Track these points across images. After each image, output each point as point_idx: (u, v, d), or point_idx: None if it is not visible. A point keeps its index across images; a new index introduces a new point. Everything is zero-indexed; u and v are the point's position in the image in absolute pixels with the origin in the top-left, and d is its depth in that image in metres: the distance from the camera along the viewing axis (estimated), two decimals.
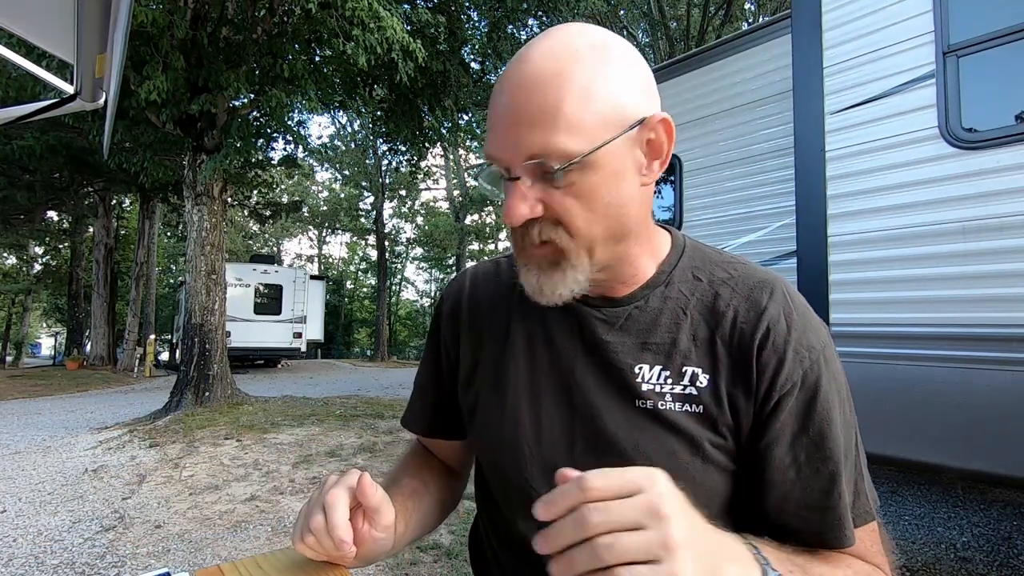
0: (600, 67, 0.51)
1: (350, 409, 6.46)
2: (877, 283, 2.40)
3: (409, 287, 35.60)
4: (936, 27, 2.29)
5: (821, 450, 0.55)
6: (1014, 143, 2.07)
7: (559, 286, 0.55)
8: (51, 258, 23.55)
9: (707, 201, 3.74)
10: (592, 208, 0.53)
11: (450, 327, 0.73)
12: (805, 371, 0.55)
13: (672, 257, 0.63)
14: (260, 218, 18.21)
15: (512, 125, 0.51)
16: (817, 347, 0.57)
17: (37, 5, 1.31)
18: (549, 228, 0.54)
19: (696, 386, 0.57)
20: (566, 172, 0.51)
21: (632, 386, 0.58)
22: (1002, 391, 2.02)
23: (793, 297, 0.60)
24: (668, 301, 0.60)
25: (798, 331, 0.57)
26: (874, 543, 0.57)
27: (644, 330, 0.60)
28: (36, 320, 36.10)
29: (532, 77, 0.50)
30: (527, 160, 0.51)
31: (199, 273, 6.73)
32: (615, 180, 0.53)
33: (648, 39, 14.83)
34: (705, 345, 0.58)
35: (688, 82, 3.90)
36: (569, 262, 0.55)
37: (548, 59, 0.51)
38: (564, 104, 0.49)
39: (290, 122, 7.20)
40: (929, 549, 2.55)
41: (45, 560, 2.77)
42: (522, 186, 0.52)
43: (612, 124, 0.51)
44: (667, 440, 0.57)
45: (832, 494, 0.54)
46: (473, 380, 0.69)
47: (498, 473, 0.67)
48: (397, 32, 5.54)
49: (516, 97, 0.51)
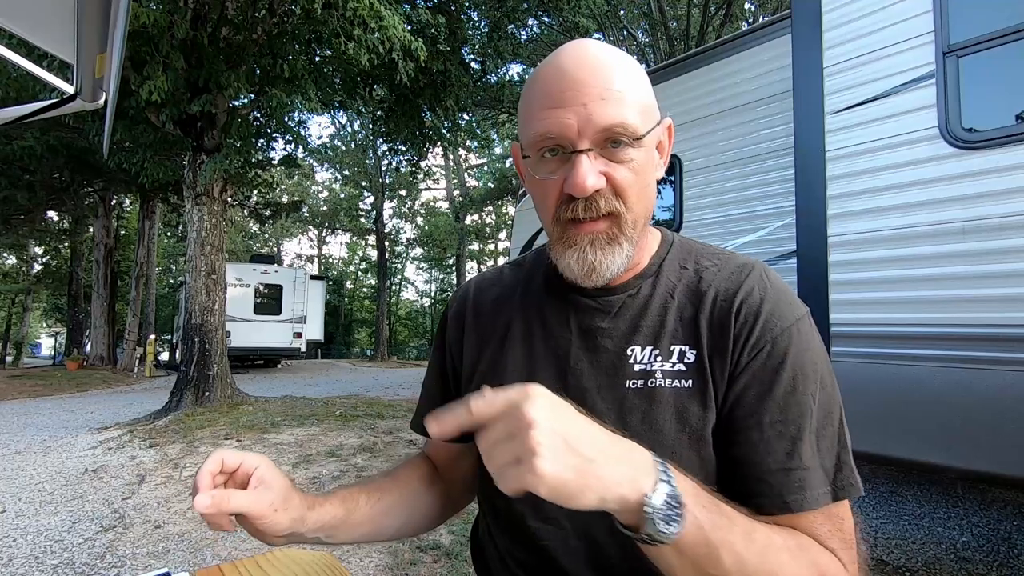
0: (640, 70, 0.59)
1: (350, 409, 6.46)
2: (877, 283, 2.40)
3: (409, 287, 35.61)
4: (936, 27, 2.29)
5: (785, 413, 0.55)
6: (1014, 143, 2.07)
7: (616, 261, 0.59)
8: (51, 258, 23.56)
9: (707, 201, 3.74)
10: (642, 185, 0.59)
11: (455, 329, 0.76)
12: (775, 338, 0.57)
13: (662, 250, 0.67)
14: (260, 218, 18.19)
15: (586, 101, 0.55)
16: (789, 319, 0.59)
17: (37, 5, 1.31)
18: (612, 199, 0.58)
19: (684, 362, 0.60)
20: (631, 147, 0.56)
21: (624, 368, 0.61)
22: (1002, 391, 2.02)
23: (770, 276, 0.63)
24: (657, 289, 0.64)
25: (770, 303, 0.59)
26: (837, 528, 0.55)
27: (635, 316, 0.63)
28: (36, 320, 36.11)
29: (597, 60, 0.56)
30: (600, 131, 0.55)
31: (199, 273, 6.73)
32: (652, 165, 0.60)
33: (648, 39, 14.82)
34: (690, 324, 0.61)
35: (688, 82, 3.90)
36: (625, 235, 0.59)
37: (604, 50, 0.58)
38: (630, 87, 0.56)
39: (290, 122, 7.20)
40: (929, 549, 2.54)
41: (45, 560, 2.77)
42: (588, 158, 0.56)
43: (653, 116, 0.59)
44: (656, 417, 0.59)
45: (793, 456, 0.54)
46: (475, 377, 0.71)
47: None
48: (399, 31, 5.54)
49: (587, 77, 0.55)
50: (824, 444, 0.56)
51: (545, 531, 0.63)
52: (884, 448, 2.31)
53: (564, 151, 0.57)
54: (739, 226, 3.52)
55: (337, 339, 29.76)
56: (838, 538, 0.55)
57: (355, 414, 6.12)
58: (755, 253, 3.40)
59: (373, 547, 2.74)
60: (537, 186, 0.61)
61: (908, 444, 2.26)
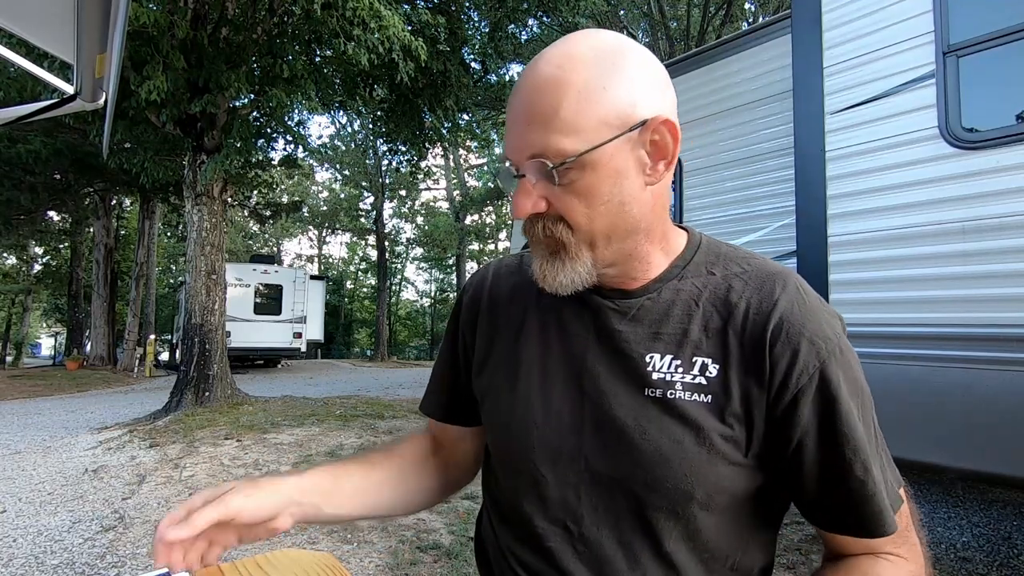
0: (602, 72, 0.53)
1: (350, 409, 6.46)
2: (877, 283, 2.40)
3: (409, 287, 35.61)
4: (936, 27, 2.29)
5: (851, 445, 0.55)
6: (1014, 143, 2.07)
7: (559, 274, 0.58)
8: (51, 258, 23.55)
9: (707, 201, 3.74)
10: (591, 205, 0.55)
11: (469, 315, 0.75)
12: (822, 362, 0.55)
13: (687, 253, 0.64)
14: (260, 218, 18.22)
15: (518, 126, 0.55)
16: (832, 338, 0.57)
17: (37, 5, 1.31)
18: (552, 223, 0.57)
19: (706, 376, 0.58)
20: (564, 170, 0.54)
21: (643, 374, 0.59)
22: (1002, 391, 2.02)
23: (806, 290, 0.60)
24: (681, 293, 0.61)
25: (812, 322, 0.57)
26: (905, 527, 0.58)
27: (656, 321, 0.61)
28: (36, 320, 36.11)
29: (535, 82, 0.54)
30: (529, 158, 0.55)
31: (199, 273, 6.73)
32: (615, 178, 0.55)
33: (648, 39, 14.82)
34: (717, 336, 0.59)
35: (688, 82, 3.90)
36: (568, 254, 0.58)
37: (552, 65, 0.54)
38: (561, 107, 0.52)
39: (290, 122, 7.20)
40: (929, 549, 2.55)
41: (45, 560, 2.76)
42: (527, 183, 0.56)
43: (612, 125, 0.53)
44: (674, 429, 0.57)
45: (867, 485, 0.55)
46: (487, 366, 0.70)
47: (506, 455, 0.68)
48: (398, 31, 5.54)
49: (522, 100, 0.55)
50: (884, 460, 0.58)
51: (552, 533, 0.62)
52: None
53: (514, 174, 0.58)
54: (739, 226, 3.52)
55: (337, 339, 29.76)
56: (903, 540, 0.58)
57: (355, 414, 6.12)
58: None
59: (373, 547, 2.74)
60: None
61: (908, 444, 2.26)
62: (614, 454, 0.59)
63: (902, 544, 0.58)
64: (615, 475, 0.59)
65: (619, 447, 0.59)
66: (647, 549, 0.59)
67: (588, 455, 0.61)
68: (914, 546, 0.59)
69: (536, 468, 0.62)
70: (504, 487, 0.69)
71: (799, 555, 2.46)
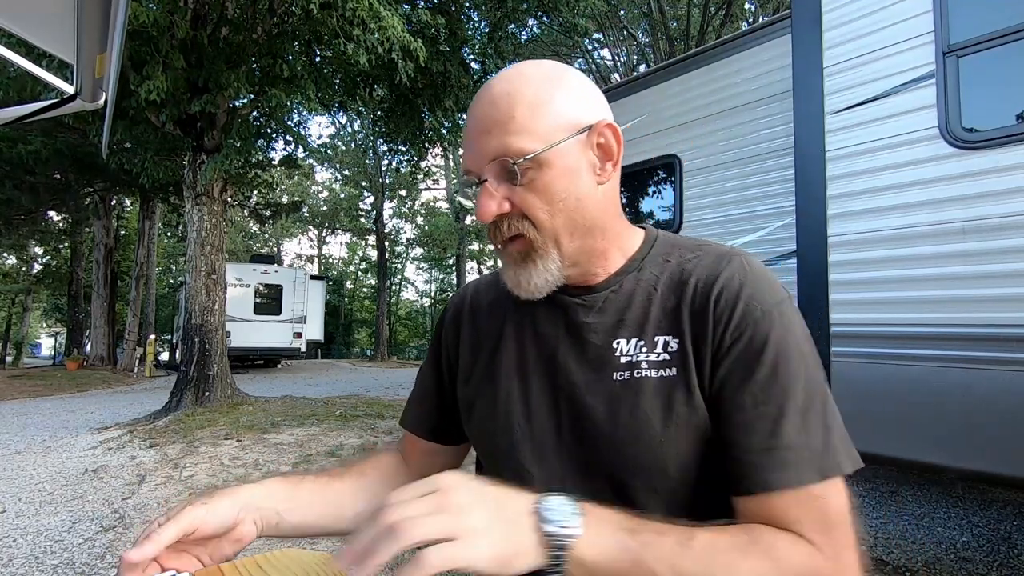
0: (548, 86, 0.60)
1: (350, 409, 6.46)
2: (877, 283, 2.40)
3: (409, 287, 35.61)
4: (936, 27, 2.29)
5: (767, 393, 0.55)
6: (1014, 143, 2.07)
7: (534, 276, 0.62)
8: (51, 258, 23.55)
9: (707, 201, 3.74)
10: (550, 202, 0.60)
11: (451, 332, 0.79)
12: (756, 320, 0.58)
13: (644, 248, 0.69)
14: (260, 218, 18.22)
15: (476, 137, 0.61)
16: (770, 302, 0.59)
17: (37, 5, 1.31)
18: (517, 221, 0.61)
19: (668, 351, 0.61)
20: (524, 169, 0.59)
21: (611, 360, 0.63)
22: (1002, 391, 2.02)
23: (750, 263, 0.64)
24: (641, 283, 0.66)
25: (750, 288, 0.60)
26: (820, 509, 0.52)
27: (619, 309, 0.65)
28: (36, 320, 36.11)
29: (490, 98, 0.61)
30: (490, 162, 0.60)
31: (199, 273, 6.73)
32: (570, 177, 0.60)
33: (648, 39, 14.82)
34: (672, 313, 0.62)
35: (688, 82, 3.90)
36: (538, 252, 0.62)
37: (502, 82, 0.61)
38: (516, 113, 0.58)
39: (290, 122, 7.20)
40: (929, 549, 2.54)
41: (45, 560, 2.76)
42: (489, 187, 0.60)
43: (563, 128, 0.60)
44: (643, 407, 0.59)
45: (776, 435, 0.54)
46: (471, 377, 0.73)
47: (494, 459, 0.70)
48: (398, 31, 5.54)
49: (478, 114, 0.61)
50: (812, 422, 0.55)
51: None
52: (884, 448, 2.31)
53: (475, 183, 0.62)
54: (739, 226, 3.52)
55: (337, 339, 29.76)
56: (818, 520, 0.52)
57: (355, 414, 6.12)
58: (755, 253, 3.39)
59: None
60: None
61: (908, 444, 2.26)
62: (591, 441, 0.62)
63: (823, 534, 0.52)
64: (594, 460, 0.62)
65: (595, 433, 0.62)
66: None
67: (568, 445, 0.64)
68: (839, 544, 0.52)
69: (522, 466, 0.65)
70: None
71: None
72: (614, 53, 15.39)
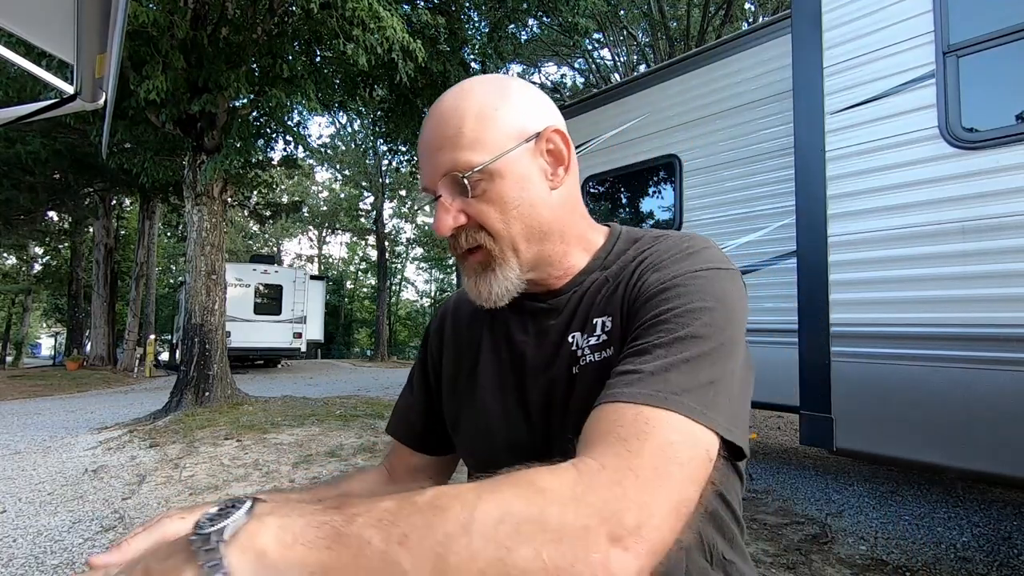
0: (494, 98, 0.61)
1: (350, 409, 6.46)
2: (877, 283, 2.40)
3: (409, 287, 35.62)
4: (936, 27, 2.29)
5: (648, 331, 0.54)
6: (1014, 143, 2.07)
7: (494, 286, 0.63)
8: (51, 258, 23.55)
9: (707, 201, 3.74)
10: (504, 210, 0.61)
11: (435, 343, 0.81)
12: (662, 284, 0.58)
13: (607, 245, 0.69)
14: (260, 218, 18.22)
15: (428, 155, 0.62)
16: (687, 270, 0.58)
17: (37, 5, 1.31)
18: (474, 232, 0.62)
19: (605, 332, 0.62)
20: (476, 181, 0.60)
21: (567, 356, 0.64)
22: (1002, 391, 2.02)
23: (693, 241, 0.62)
24: (599, 280, 0.66)
25: (680, 255, 0.60)
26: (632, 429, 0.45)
27: (575, 306, 0.66)
28: (36, 320, 36.11)
29: (438, 115, 0.62)
30: (442, 177, 0.61)
31: (199, 273, 6.72)
32: (522, 184, 0.61)
33: (648, 39, 14.83)
34: (610, 294, 0.64)
35: (688, 82, 3.90)
36: (497, 261, 0.62)
37: (449, 99, 0.62)
38: (464, 128, 0.60)
39: (290, 122, 7.20)
40: (929, 549, 2.55)
41: (45, 560, 2.76)
42: (445, 201, 0.61)
43: (510, 136, 0.61)
44: (592, 392, 0.55)
45: (634, 361, 0.52)
46: (455, 389, 0.75)
47: (480, 464, 0.72)
48: (397, 32, 5.54)
49: (428, 133, 0.62)
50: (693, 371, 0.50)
51: None
52: (884, 448, 2.31)
53: (432, 199, 0.63)
54: (739, 226, 3.52)
55: (337, 339, 29.75)
56: (621, 436, 0.45)
57: (355, 414, 6.12)
58: (755, 253, 3.41)
59: None
60: None
61: (908, 444, 2.26)
62: (559, 435, 0.63)
63: (612, 445, 0.44)
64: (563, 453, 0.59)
65: (562, 428, 0.62)
66: None
67: (541, 449, 0.65)
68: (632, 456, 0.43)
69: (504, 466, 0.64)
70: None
71: (799, 555, 2.46)
72: (614, 53, 15.39)
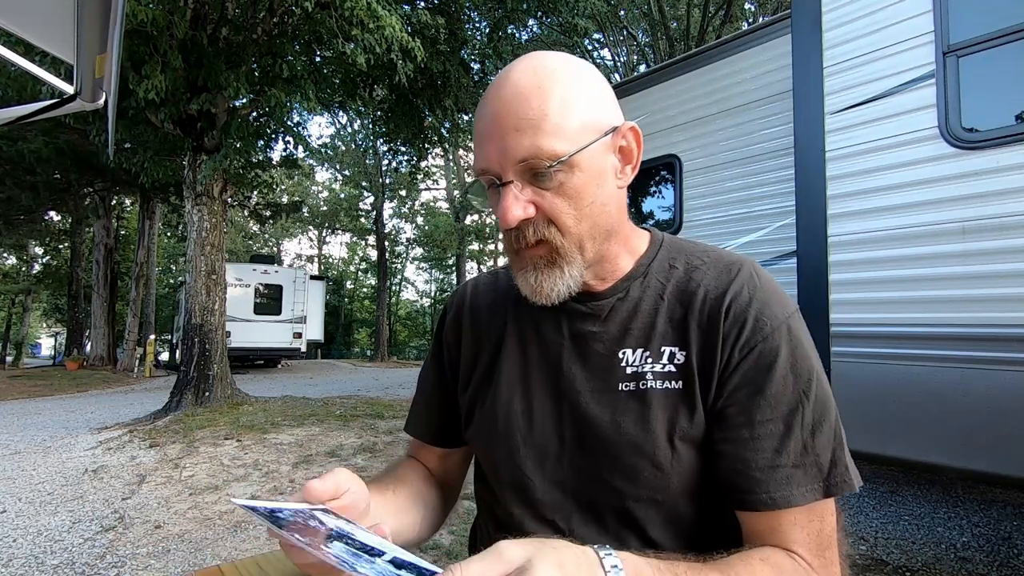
0: (575, 82, 0.57)
1: (350, 409, 6.46)
2: (877, 283, 2.40)
3: (409, 287, 35.58)
4: (936, 27, 2.29)
5: (775, 410, 0.55)
6: (1014, 143, 2.07)
7: (557, 283, 0.60)
8: (51, 258, 23.54)
9: (707, 201, 3.74)
10: (579, 207, 0.58)
11: (452, 333, 0.77)
12: (766, 337, 0.57)
13: (651, 251, 0.67)
14: (260, 218, 18.21)
15: (502, 134, 0.56)
16: (780, 317, 0.59)
17: (37, 5, 1.31)
18: (543, 227, 0.58)
19: (675, 363, 0.60)
20: (555, 172, 0.56)
21: (616, 370, 0.61)
22: (1002, 391, 2.02)
23: (759, 274, 0.63)
24: (647, 290, 0.64)
25: (759, 302, 0.59)
26: (817, 529, 0.55)
27: (626, 318, 0.63)
28: (36, 320, 36.09)
29: (516, 91, 0.56)
30: (518, 163, 0.56)
31: (199, 273, 6.72)
32: (598, 180, 0.58)
33: (648, 39, 14.82)
34: (680, 325, 0.61)
35: (688, 82, 3.89)
36: (564, 259, 0.59)
37: (529, 75, 0.56)
38: (548, 111, 0.54)
39: (290, 122, 7.19)
40: (929, 549, 2.54)
41: (45, 560, 2.76)
42: (514, 189, 0.56)
43: (591, 130, 0.57)
44: (647, 419, 0.59)
45: (782, 453, 0.55)
46: (471, 381, 0.72)
47: (494, 465, 0.69)
48: (396, 31, 5.53)
49: (503, 109, 0.56)
50: (820, 441, 0.56)
51: (544, 533, 0.63)
52: (884, 448, 2.31)
53: (496, 183, 0.58)
54: (739, 226, 3.52)
55: (337, 339, 29.74)
56: (815, 539, 0.55)
57: (355, 414, 6.12)
58: (755, 253, 3.40)
59: None
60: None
61: (908, 444, 2.26)
62: (593, 450, 0.61)
63: (818, 555, 0.55)
64: (596, 470, 0.61)
65: (597, 443, 0.61)
66: (633, 539, 0.60)
67: (570, 454, 0.63)
68: (830, 563, 0.55)
69: (523, 473, 0.64)
70: (495, 495, 0.70)
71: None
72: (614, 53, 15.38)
